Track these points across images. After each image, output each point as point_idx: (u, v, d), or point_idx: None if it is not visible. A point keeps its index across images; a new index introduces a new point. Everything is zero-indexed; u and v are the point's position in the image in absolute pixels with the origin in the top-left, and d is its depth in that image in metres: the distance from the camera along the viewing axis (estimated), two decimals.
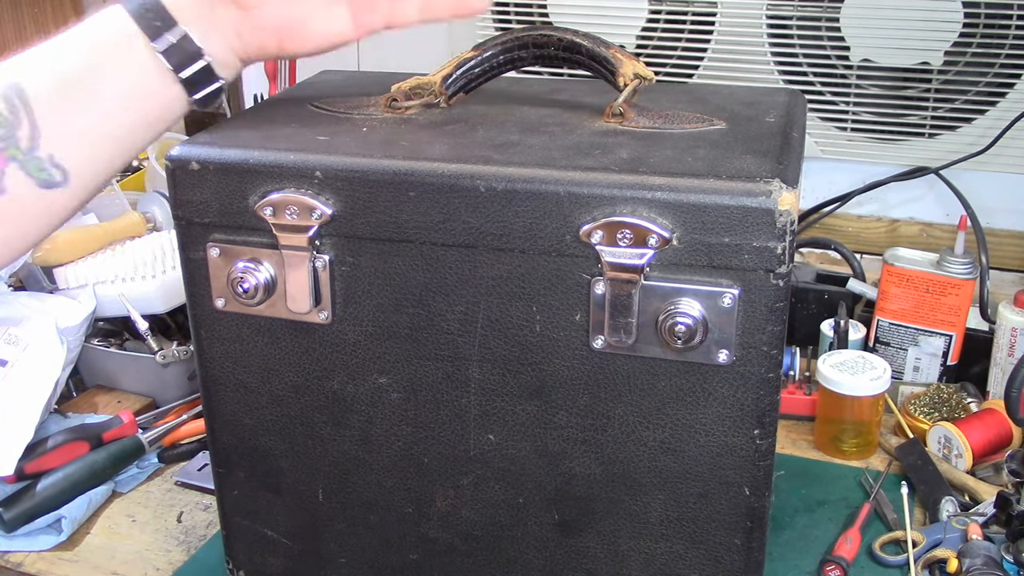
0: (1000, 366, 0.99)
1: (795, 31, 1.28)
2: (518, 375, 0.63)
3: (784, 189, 0.54)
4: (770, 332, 0.57)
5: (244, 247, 0.64)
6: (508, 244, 0.59)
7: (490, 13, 1.41)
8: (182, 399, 1.04)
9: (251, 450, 0.71)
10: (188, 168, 0.63)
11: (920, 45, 1.22)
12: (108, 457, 0.91)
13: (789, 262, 0.56)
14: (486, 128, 0.66)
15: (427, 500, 0.68)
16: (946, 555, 0.77)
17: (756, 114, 0.68)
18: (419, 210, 0.60)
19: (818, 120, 1.31)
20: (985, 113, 1.23)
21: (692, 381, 0.60)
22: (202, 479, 0.92)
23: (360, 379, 0.66)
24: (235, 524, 0.74)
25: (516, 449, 0.65)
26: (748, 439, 0.60)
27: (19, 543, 0.85)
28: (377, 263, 0.63)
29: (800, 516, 0.86)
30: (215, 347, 0.69)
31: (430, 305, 0.63)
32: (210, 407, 0.71)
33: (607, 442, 0.63)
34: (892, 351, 1.05)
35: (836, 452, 0.95)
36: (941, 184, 1.23)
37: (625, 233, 0.56)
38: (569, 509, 0.66)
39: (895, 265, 1.02)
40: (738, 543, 0.63)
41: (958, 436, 0.90)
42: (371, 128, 0.67)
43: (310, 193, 0.62)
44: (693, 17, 1.32)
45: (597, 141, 0.62)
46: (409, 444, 0.67)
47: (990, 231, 1.24)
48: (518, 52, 0.70)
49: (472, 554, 0.69)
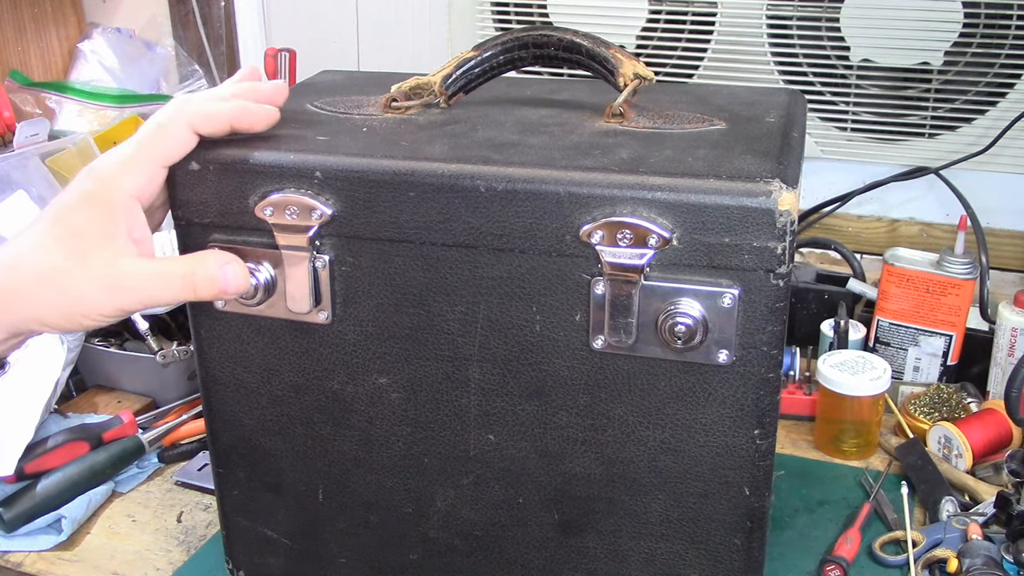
0: (1000, 366, 0.99)
1: (795, 31, 1.28)
2: (518, 375, 0.63)
3: (784, 189, 0.54)
4: (770, 332, 0.57)
5: (244, 247, 0.64)
6: (508, 244, 0.59)
7: (490, 13, 1.41)
8: (182, 399, 1.04)
9: (251, 450, 0.71)
10: (188, 168, 0.63)
11: (920, 45, 1.22)
12: (108, 457, 0.91)
13: (789, 262, 0.56)
14: (486, 128, 0.66)
15: (427, 500, 0.68)
16: (946, 555, 0.77)
17: (756, 114, 0.68)
18: (419, 210, 0.60)
19: (818, 120, 1.31)
20: (985, 113, 1.23)
21: (692, 381, 0.60)
22: (202, 479, 0.92)
23: (360, 379, 0.66)
24: (235, 524, 0.74)
25: (516, 449, 0.65)
26: (748, 439, 0.60)
27: (19, 543, 0.85)
28: (377, 263, 0.63)
29: (800, 516, 0.86)
30: (215, 347, 0.69)
31: (430, 305, 0.63)
32: (210, 407, 0.71)
33: (607, 442, 0.63)
34: (892, 351, 1.05)
35: (836, 452, 0.95)
36: (941, 184, 1.23)
37: (625, 233, 0.56)
38: (569, 509, 0.66)
39: (895, 265, 1.02)
40: (738, 543, 0.63)
41: (958, 436, 0.90)
42: (371, 128, 0.67)
43: (310, 193, 0.62)
44: (693, 17, 1.32)
45: (597, 141, 0.62)
46: (409, 444, 0.67)
47: (990, 231, 1.24)
48: (518, 52, 0.70)
49: (472, 554, 0.69)
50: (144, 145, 0.61)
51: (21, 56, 1.61)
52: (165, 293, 0.60)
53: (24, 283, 0.59)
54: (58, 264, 0.58)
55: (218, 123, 0.62)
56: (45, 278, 0.59)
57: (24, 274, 0.59)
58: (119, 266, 0.59)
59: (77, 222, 0.59)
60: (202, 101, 0.62)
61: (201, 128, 0.62)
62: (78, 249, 0.59)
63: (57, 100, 1.57)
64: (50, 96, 1.57)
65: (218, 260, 0.61)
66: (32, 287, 0.59)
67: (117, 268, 0.59)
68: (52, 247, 0.59)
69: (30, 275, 0.59)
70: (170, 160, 0.62)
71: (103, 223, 0.59)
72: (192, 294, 0.61)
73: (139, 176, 0.61)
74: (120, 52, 1.65)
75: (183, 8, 1.66)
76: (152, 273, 0.60)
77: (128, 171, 0.60)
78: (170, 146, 0.62)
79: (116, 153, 0.61)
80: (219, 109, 0.62)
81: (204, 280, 0.61)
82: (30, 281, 0.59)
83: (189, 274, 0.60)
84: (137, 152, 0.61)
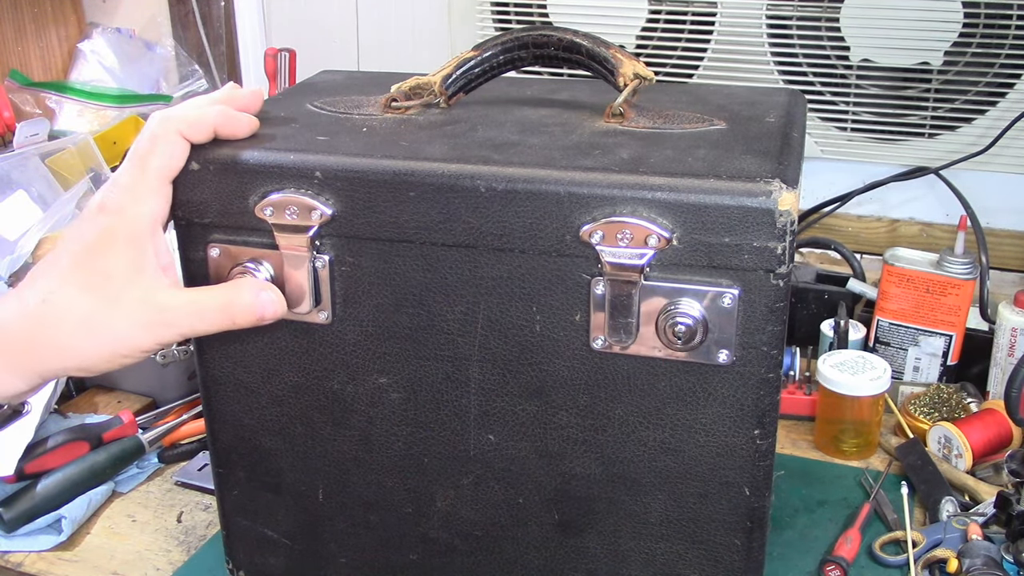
0: (1000, 366, 0.99)
1: (795, 31, 1.28)
2: (518, 375, 0.63)
3: (784, 189, 0.54)
4: (770, 332, 0.57)
5: (244, 247, 0.64)
6: (508, 244, 0.59)
7: (490, 13, 1.41)
8: (182, 399, 1.04)
9: (251, 450, 0.71)
10: (188, 168, 0.63)
11: (920, 45, 1.22)
12: (108, 457, 0.91)
13: (789, 262, 0.56)
14: (486, 128, 0.66)
15: (427, 500, 0.68)
16: (946, 555, 0.77)
17: (756, 114, 0.68)
18: (419, 210, 0.60)
19: (818, 120, 1.31)
20: (985, 113, 1.23)
21: (692, 381, 0.60)
22: (202, 479, 0.92)
23: (360, 379, 0.66)
24: (235, 524, 0.74)
25: (516, 449, 0.65)
26: (748, 439, 0.60)
27: (19, 543, 0.85)
28: (377, 263, 0.63)
29: (800, 516, 0.86)
30: (215, 347, 0.69)
31: (430, 305, 0.63)
32: (210, 407, 0.71)
33: (607, 442, 0.63)
34: (892, 351, 1.05)
35: (836, 452, 0.95)
36: (941, 184, 1.23)
37: (625, 233, 0.56)
38: (569, 509, 0.66)
39: (895, 265, 1.02)
40: (738, 543, 0.63)
41: (958, 436, 0.90)
42: (371, 128, 0.67)
43: (310, 193, 0.61)
44: (693, 17, 1.32)
45: (597, 141, 0.62)
46: (409, 444, 0.67)
47: (990, 231, 1.24)
48: (518, 52, 0.70)
49: (472, 554, 0.69)
50: (146, 166, 0.60)
51: (21, 56, 1.61)
52: (203, 325, 0.60)
53: (57, 335, 0.58)
54: (91, 312, 0.58)
55: (204, 128, 0.62)
56: (79, 328, 0.58)
57: (55, 327, 0.58)
58: (154, 302, 0.59)
59: (103, 264, 0.59)
60: (185, 109, 0.62)
61: (190, 135, 0.61)
62: (109, 292, 0.58)
63: (57, 100, 1.57)
64: (50, 96, 1.57)
65: (253, 289, 0.61)
66: (67, 338, 0.58)
67: (152, 304, 0.59)
68: (81, 296, 0.58)
69: (63, 327, 0.58)
70: (173, 173, 0.62)
71: (129, 258, 0.59)
72: (230, 323, 0.61)
73: (153, 199, 0.60)
74: (120, 52, 1.66)
75: (183, 8, 1.66)
76: (189, 306, 0.60)
77: (141, 197, 0.60)
78: (169, 160, 0.61)
79: (120, 181, 0.60)
80: (204, 115, 0.62)
81: (241, 310, 0.61)
82: (64, 333, 0.58)
83: (227, 305, 0.60)
84: (142, 174, 0.60)
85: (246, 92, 0.66)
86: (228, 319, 0.60)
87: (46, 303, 0.59)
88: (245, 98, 0.65)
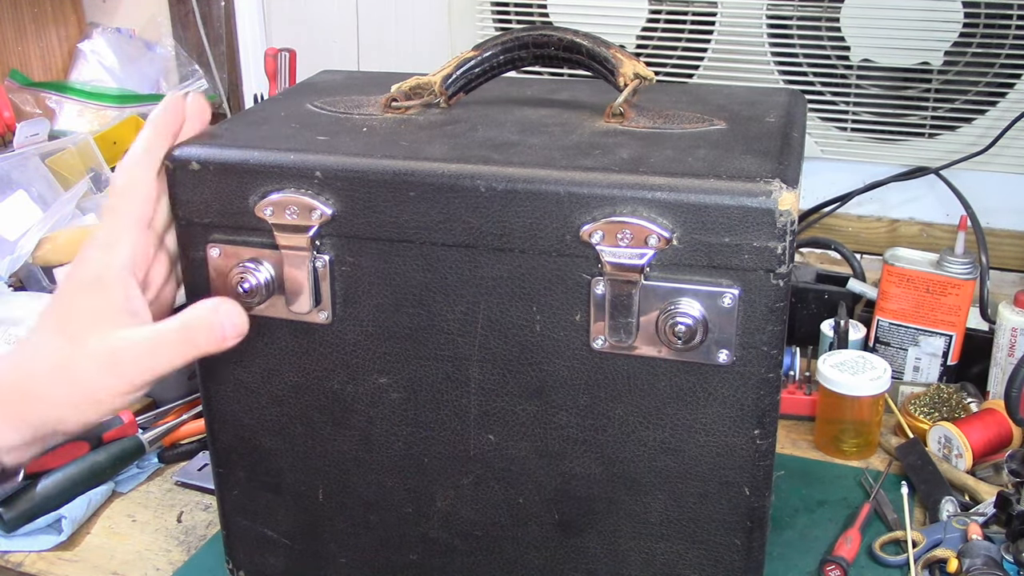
0: (1000, 366, 0.99)
1: (795, 31, 1.28)
2: (518, 375, 0.63)
3: (784, 189, 0.54)
4: (770, 332, 0.57)
5: (244, 247, 0.64)
6: (508, 244, 0.59)
7: (490, 13, 1.41)
8: (182, 399, 1.04)
9: (251, 450, 0.71)
10: (188, 168, 0.63)
11: (920, 45, 1.22)
12: (108, 457, 0.91)
13: (789, 262, 0.56)
14: (486, 128, 0.66)
15: (427, 500, 0.68)
16: (946, 555, 0.77)
17: (756, 114, 0.68)
18: (419, 210, 0.60)
19: (818, 120, 1.31)
20: (985, 113, 1.23)
21: (692, 381, 0.60)
22: (202, 479, 0.92)
23: (360, 379, 0.66)
24: (235, 524, 0.74)
25: (516, 449, 0.65)
26: (748, 439, 0.60)
27: (19, 543, 0.85)
28: (377, 263, 0.63)
29: (800, 516, 0.86)
30: None
31: (430, 305, 0.63)
32: (210, 407, 0.71)
33: (607, 442, 0.63)
34: (892, 351, 1.05)
35: (836, 452, 0.95)
36: (941, 184, 1.23)
37: (625, 233, 0.56)
38: (569, 509, 0.66)
39: (895, 265, 1.02)
40: (738, 543, 0.63)
41: (958, 436, 0.90)
42: (371, 128, 0.67)
43: (310, 193, 0.62)
44: (693, 17, 1.32)
45: (597, 141, 0.62)
46: (409, 444, 0.67)
47: (990, 231, 1.24)
48: (518, 52, 0.70)
49: (472, 554, 0.69)
50: (117, 215, 0.62)
51: (21, 56, 1.61)
52: (167, 356, 0.60)
53: (36, 380, 0.59)
54: (60, 354, 0.59)
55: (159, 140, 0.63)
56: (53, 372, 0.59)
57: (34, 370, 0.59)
58: (111, 339, 0.59)
59: (71, 307, 0.60)
60: (134, 146, 0.63)
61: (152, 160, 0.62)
62: (75, 333, 0.59)
63: (57, 100, 1.57)
64: (50, 96, 1.57)
65: (206, 305, 0.61)
66: (44, 386, 0.59)
67: (109, 342, 0.59)
68: (53, 339, 0.60)
69: (39, 370, 0.59)
70: (145, 217, 0.62)
71: (94, 302, 0.60)
72: (195, 349, 0.60)
73: (124, 248, 0.61)
74: (120, 52, 1.66)
75: (183, 8, 1.66)
76: (146, 339, 0.60)
77: (112, 247, 0.61)
78: (139, 205, 0.62)
79: (101, 231, 0.62)
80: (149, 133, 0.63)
81: (201, 331, 0.60)
82: (41, 376, 0.59)
83: (183, 329, 0.60)
84: (114, 224, 0.61)
85: (180, 96, 0.66)
86: (191, 345, 0.60)
87: (25, 343, 0.61)
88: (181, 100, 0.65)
